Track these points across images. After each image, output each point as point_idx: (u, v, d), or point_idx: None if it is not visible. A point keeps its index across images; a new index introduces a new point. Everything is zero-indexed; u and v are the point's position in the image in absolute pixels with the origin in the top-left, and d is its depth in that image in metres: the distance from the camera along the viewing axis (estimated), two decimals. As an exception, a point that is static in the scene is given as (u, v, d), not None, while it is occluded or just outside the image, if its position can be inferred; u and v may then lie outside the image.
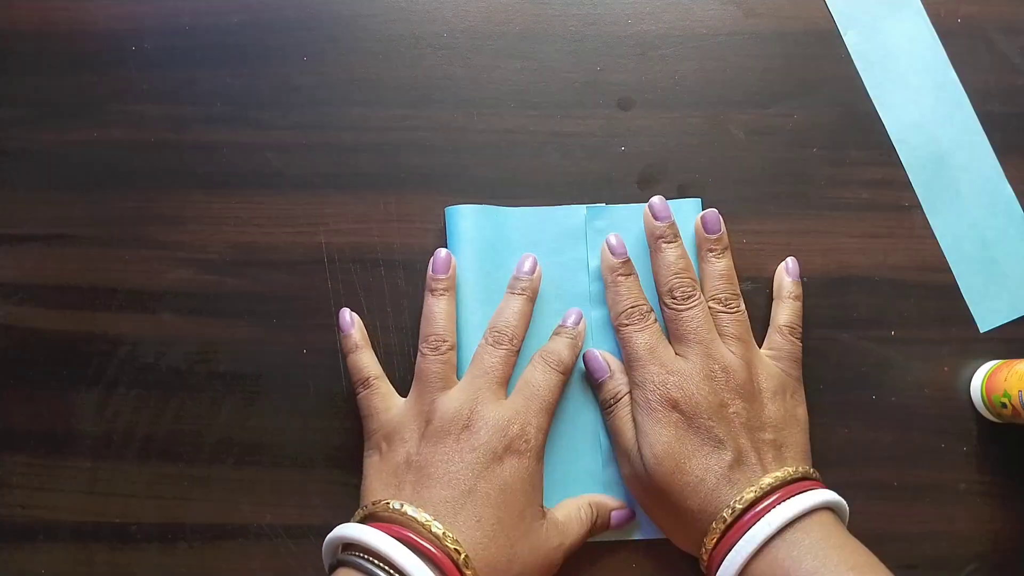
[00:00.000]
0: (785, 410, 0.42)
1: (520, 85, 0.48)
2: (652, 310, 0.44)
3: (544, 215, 0.47)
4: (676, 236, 0.45)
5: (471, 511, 0.39)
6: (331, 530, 0.40)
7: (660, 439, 0.41)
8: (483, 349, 0.43)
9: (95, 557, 0.47)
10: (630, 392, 0.43)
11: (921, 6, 0.48)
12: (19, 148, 0.49)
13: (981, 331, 0.46)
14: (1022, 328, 0.46)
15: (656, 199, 0.45)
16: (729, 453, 0.40)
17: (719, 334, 0.43)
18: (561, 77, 0.48)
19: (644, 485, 0.42)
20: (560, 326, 0.45)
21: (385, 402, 0.44)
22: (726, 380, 0.41)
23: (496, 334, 0.43)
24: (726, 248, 0.45)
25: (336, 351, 0.47)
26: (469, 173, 0.48)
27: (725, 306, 0.43)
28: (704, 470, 0.40)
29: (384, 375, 0.45)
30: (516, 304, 0.44)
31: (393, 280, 0.47)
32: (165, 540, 0.47)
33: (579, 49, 0.48)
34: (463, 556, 0.37)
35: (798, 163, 0.47)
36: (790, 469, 0.40)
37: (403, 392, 0.45)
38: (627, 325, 0.43)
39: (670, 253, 0.44)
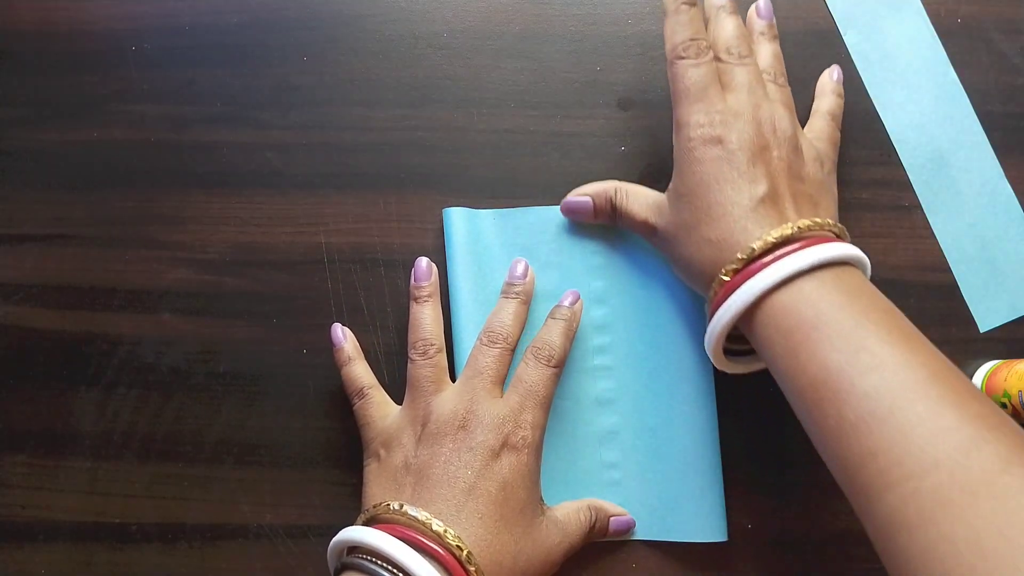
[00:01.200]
0: (824, 177, 0.41)
1: (520, 85, 0.48)
2: (711, 48, 0.41)
3: (540, 215, 0.47)
4: (736, 8, 0.43)
5: (473, 509, 0.39)
6: (331, 530, 0.40)
7: (694, 172, 0.39)
8: (478, 350, 0.43)
9: (95, 557, 0.47)
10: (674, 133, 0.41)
11: (921, 6, 0.48)
12: (19, 148, 0.49)
13: (981, 331, 0.47)
14: (1022, 328, 0.46)
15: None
16: (763, 187, 0.38)
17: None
18: (561, 77, 0.48)
19: (668, 223, 0.41)
20: (555, 307, 0.45)
21: (380, 410, 0.44)
22: (773, 130, 0.40)
23: (491, 334, 0.43)
24: (776, 36, 0.44)
25: (336, 351, 0.47)
26: (469, 173, 0.48)
27: (775, 80, 0.42)
28: (733, 199, 0.38)
29: (378, 384, 0.45)
30: (511, 307, 0.44)
31: (393, 280, 0.47)
32: (165, 540, 0.47)
33: (579, 49, 0.48)
34: (465, 552, 0.37)
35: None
36: (829, 220, 0.38)
37: (399, 395, 0.45)
38: (683, 58, 0.40)
39: (729, 21, 0.42)
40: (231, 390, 0.47)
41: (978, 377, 0.45)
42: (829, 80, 0.47)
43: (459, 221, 0.46)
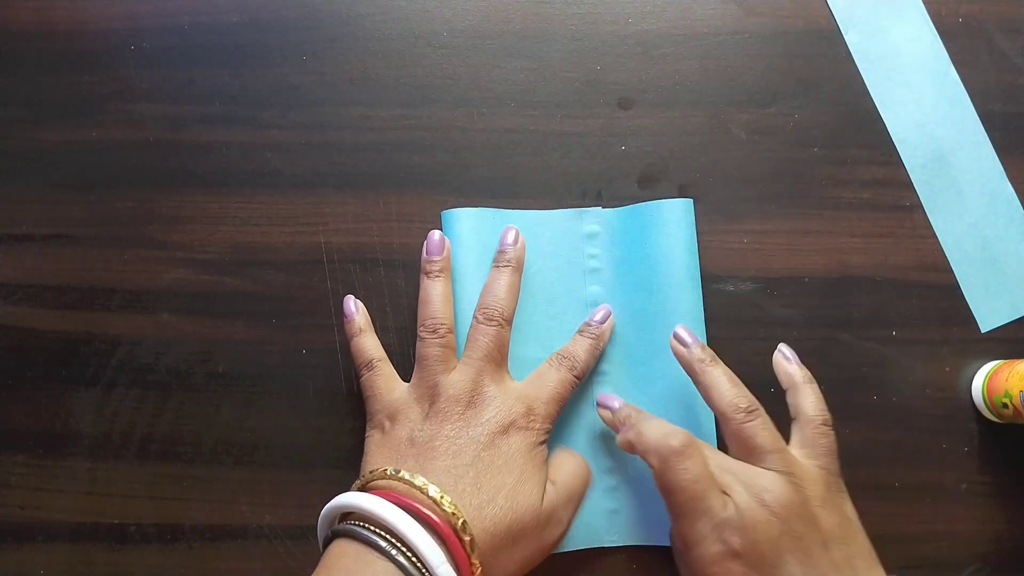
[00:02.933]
0: (838, 514, 0.39)
1: (520, 85, 0.48)
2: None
3: (539, 219, 0.47)
4: (714, 357, 0.42)
5: (471, 478, 0.38)
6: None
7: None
8: (475, 328, 0.43)
9: (94, 557, 0.47)
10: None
11: (922, 6, 0.48)
12: (19, 148, 0.49)
13: (982, 331, 0.46)
14: (1023, 328, 0.46)
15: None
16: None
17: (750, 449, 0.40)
18: (561, 77, 0.48)
19: None
20: (585, 323, 0.45)
21: (388, 383, 0.44)
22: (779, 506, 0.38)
23: (486, 310, 0.43)
24: (714, 358, 0.42)
25: (336, 351, 0.47)
26: (469, 173, 0.48)
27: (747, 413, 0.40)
28: None
29: (387, 358, 0.45)
30: (503, 277, 0.44)
31: (393, 280, 0.47)
32: (164, 540, 0.47)
33: (579, 49, 0.48)
34: (461, 521, 0.36)
35: (799, 163, 0.47)
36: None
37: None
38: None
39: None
40: (230, 390, 0.47)
41: (979, 377, 0.45)
42: (788, 365, 0.43)
43: (456, 223, 0.46)
